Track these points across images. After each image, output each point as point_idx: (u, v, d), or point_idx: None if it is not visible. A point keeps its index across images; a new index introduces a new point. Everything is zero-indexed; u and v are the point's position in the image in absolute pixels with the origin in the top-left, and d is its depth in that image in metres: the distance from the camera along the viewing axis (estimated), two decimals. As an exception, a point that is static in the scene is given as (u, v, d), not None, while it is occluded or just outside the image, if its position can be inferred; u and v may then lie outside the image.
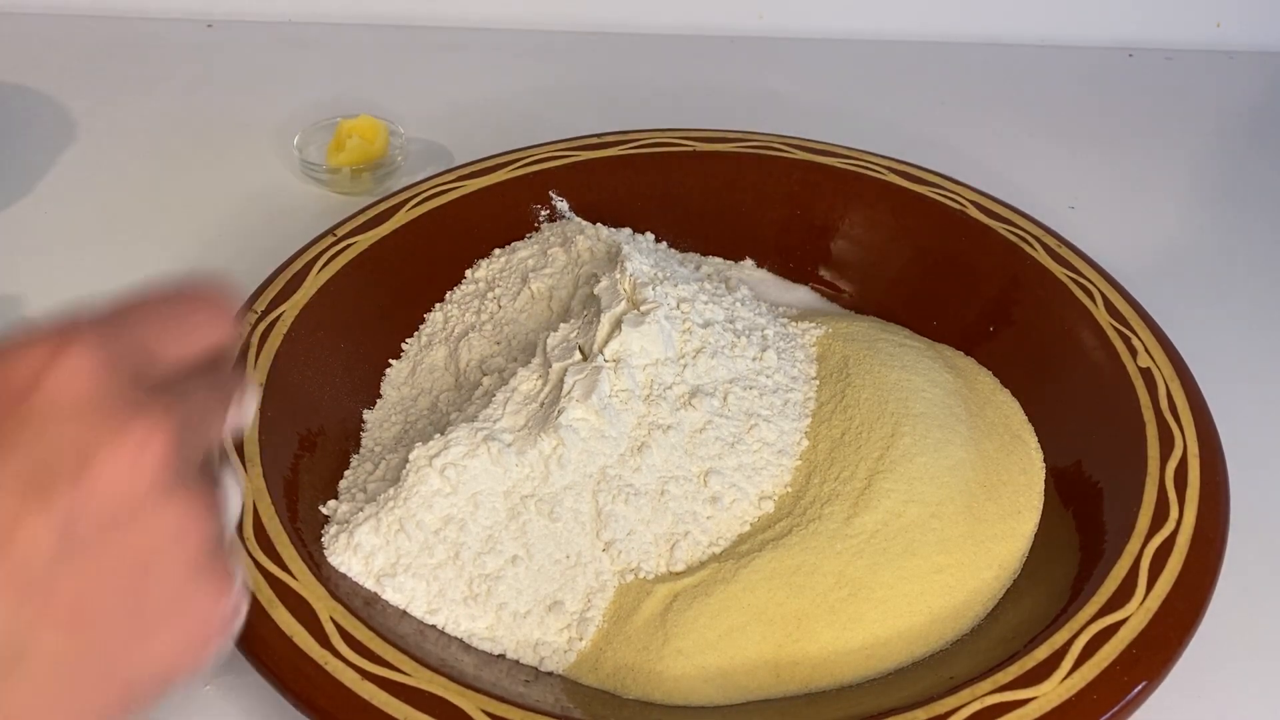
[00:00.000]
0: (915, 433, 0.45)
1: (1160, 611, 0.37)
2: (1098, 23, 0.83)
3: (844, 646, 0.40)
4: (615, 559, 0.41)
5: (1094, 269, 0.51)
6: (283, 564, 0.38)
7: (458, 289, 0.54)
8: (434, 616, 0.40)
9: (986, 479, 0.45)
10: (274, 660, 0.36)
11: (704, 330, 0.46)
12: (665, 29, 0.83)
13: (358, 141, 0.64)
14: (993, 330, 0.52)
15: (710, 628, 0.39)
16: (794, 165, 0.58)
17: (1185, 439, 0.43)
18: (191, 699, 0.41)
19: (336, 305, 0.49)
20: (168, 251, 0.61)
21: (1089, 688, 0.35)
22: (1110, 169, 0.70)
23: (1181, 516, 0.40)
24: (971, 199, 0.55)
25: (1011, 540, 0.43)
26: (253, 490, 0.41)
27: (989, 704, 0.35)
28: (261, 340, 0.46)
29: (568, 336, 0.46)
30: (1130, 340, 0.47)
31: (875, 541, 0.42)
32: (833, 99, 0.76)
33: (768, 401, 0.46)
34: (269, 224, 0.62)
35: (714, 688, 0.39)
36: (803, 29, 0.83)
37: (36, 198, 0.65)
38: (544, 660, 0.40)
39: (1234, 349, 0.56)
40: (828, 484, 0.44)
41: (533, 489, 0.42)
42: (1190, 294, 0.59)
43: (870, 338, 0.50)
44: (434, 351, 0.51)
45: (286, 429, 0.44)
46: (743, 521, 0.43)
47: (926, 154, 0.59)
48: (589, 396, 0.42)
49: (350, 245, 0.51)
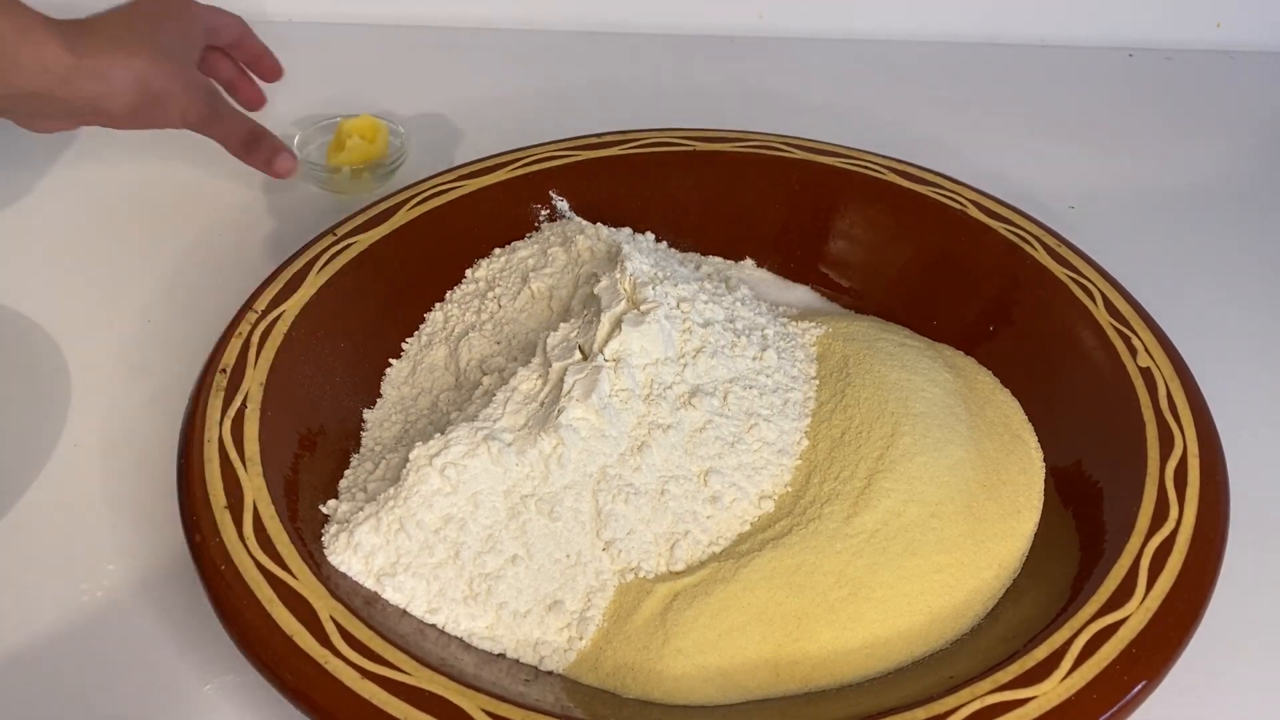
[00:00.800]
0: (915, 432, 0.45)
1: (1160, 611, 0.37)
2: (1098, 23, 0.83)
3: (844, 646, 0.40)
4: (615, 558, 0.41)
5: (1094, 269, 0.51)
6: (283, 563, 0.38)
7: (458, 289, 0.54)
8: (434, 616, 0.40)
9: (986, 478, 0.45)
10: (274, 660, 0.36)
11: (704, 330, 0.46)
12: (665, 29, 0.83)
13: (358, 141, 0.64)
14: (993, 330, 0.52)
15: (710, 627, 0.39)
16: (794, 165, 0.58)
17: (1185, 439, 0.43)
18: (191, 699, 0.41)
19: (336, 305, 0.49)
20: (167, 251, 0.61)
21: (1089, 687, 0.35)
22: (1110, 169, 0.70)
23: (1181, 516, 0.40)
24: (971, 199, 0.55)
25: (1011, 540, 0.43)
26: (253, 490, 0.41)
27: (989, 703, 0.35)
28: (262, 340, 0.46)
29: (568, 336, 0.46)
30: (1130, 340, 0.47)
31: (875, 541, 0.42)
32: (833, 99, 0.76)
33: (768, 401, 0.46)
34: (269, 224, 0.63)
35: (714, 687, 0.39)
36: (803, 29, 0.83)
37: (36, 198, 0.65)
38: (544, 659, 0.40)
39: (1234, 349, 0.56)
40: (828, 483, 0.44)
41: (533, 488, 0.42)
42: (1190, 294, 0.59)
43: (870, 337, 0.50)
44: (434, 351, 0.51)
45: (286, 429, 0.44)
46: (743, 521, 0.43)
47: (926, 154, 0.59)
48: (589, 396, 0.42)
49: (350, 245, 0.51)
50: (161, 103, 0.51)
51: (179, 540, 0.40)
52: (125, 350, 0.55)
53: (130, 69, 0.49)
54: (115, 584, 0.44)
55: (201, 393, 0.44)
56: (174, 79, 0.51)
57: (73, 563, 0.45)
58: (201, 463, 0.41)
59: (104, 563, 0.45)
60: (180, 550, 0.40)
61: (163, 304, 0.58)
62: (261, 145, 0.55)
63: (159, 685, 0.41)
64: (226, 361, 0.45)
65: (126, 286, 0.58)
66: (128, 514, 0.47)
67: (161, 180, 0.66)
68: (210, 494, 0.40)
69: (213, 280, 0.58)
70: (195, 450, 0.42)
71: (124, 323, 0.56)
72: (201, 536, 0.39)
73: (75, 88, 0.48)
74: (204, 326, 0.49)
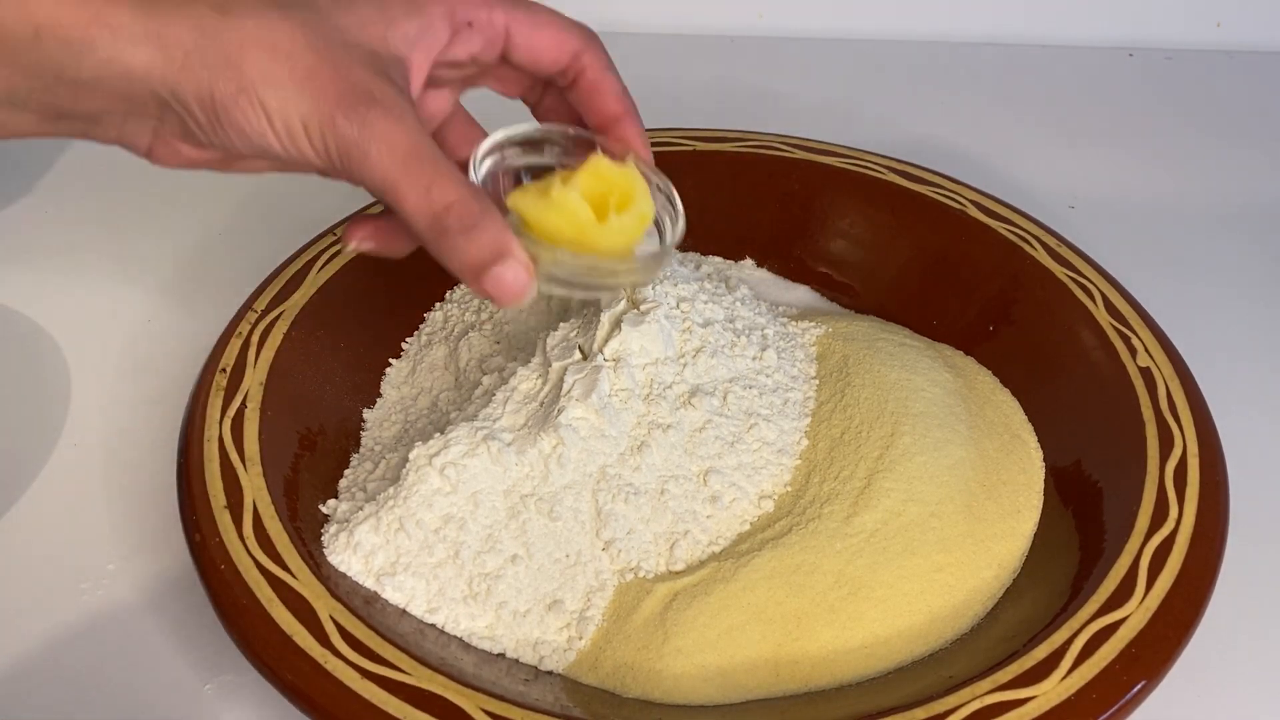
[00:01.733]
0: (915, 432, 0.45)
1: (1160, 611, 0.37)
2: (1098, 23, 0.83)
3: (844, 646, 0.40)
4: (615, 558, 0.41)
5: (1094, 269, 0.51)
6: (282, 563, 0.38)
7: (458, 288, 0.54)
8: (434, 615, 0.40)
9: (986, 478, 0.45)
10: (274, 659, 0.36)
11: (704, 329, 0.46)
12: (665, 29, 0.83)
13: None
14: (993, 330, 0.52)
15: (710, 627, 0.39)
16: (794, 165, 0.58)
17: (1185, 439, 0.43)
18: (191, 699, 0.41)
19: (336, 305, 0.49)
20: (167, 251, 0.61)
21: (1088, 687, 0.35)
22: (1110, 169, 0.70)
23: (1181, 516, 0.40)
24: (971, 199, 0.55)
25: (1011, 539, 0.43)
26: (253, 490, 0.41)
27: (988, 703, 0.35)
28: (261, 340, 0.46)
29: (567, 336, 0.46)
30: (1130, 340, 0.47)
31: (875, 541, 0.42)
32: (833, 99, 0.76)
33: (767, 401, 0.46)
34: (269, 223, 0.62)
35: (714, 687, 0.39)
36: (803, 29, 0.83)
37: (36, 198, 0.65)
38: (544, 659, 0.40)
39: (1234, 349, 0.56)
40: (827, 483, 0.44)
41: (532, 488, 0.42)
42: (1190, 294, 0.59)
43: (870, 337, 0.50)
44: (434, 350, 0.51)
45: (286, 428, 0.44)
46: (742, 521, 0.43)
47: (926, 154, 0.59)
48: (589, 396, 0.42)
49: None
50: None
51: (179, 540, 0.40)
52: (125, 350, 0.55)
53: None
54: (115, 584, 0.44)
55: (201, 393, 0.44)
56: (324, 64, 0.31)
57: (73, 563, 0.45)
58: (201, 462, 0.41)
59: (104, 563, 0.45)
60: (180, 550, 0.40)
61: (163, 304, 0.58)
62: (474, 233, 0.32)
63: (159, 685, 0.41)
64: (226, 361, 0.45)
65: (126, 286, 0.58)
66: (128, 514, 0.47)
67: (162, 180, 0.66)
68: (210, 494, 0.40)
69: (213, 280, 0.58)
70: (195, 450, 0.42)
71: (124, 323, 0.56)
72: (201, 536, 0.39)
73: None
74: (204, 326, 0.49)
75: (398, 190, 0.32)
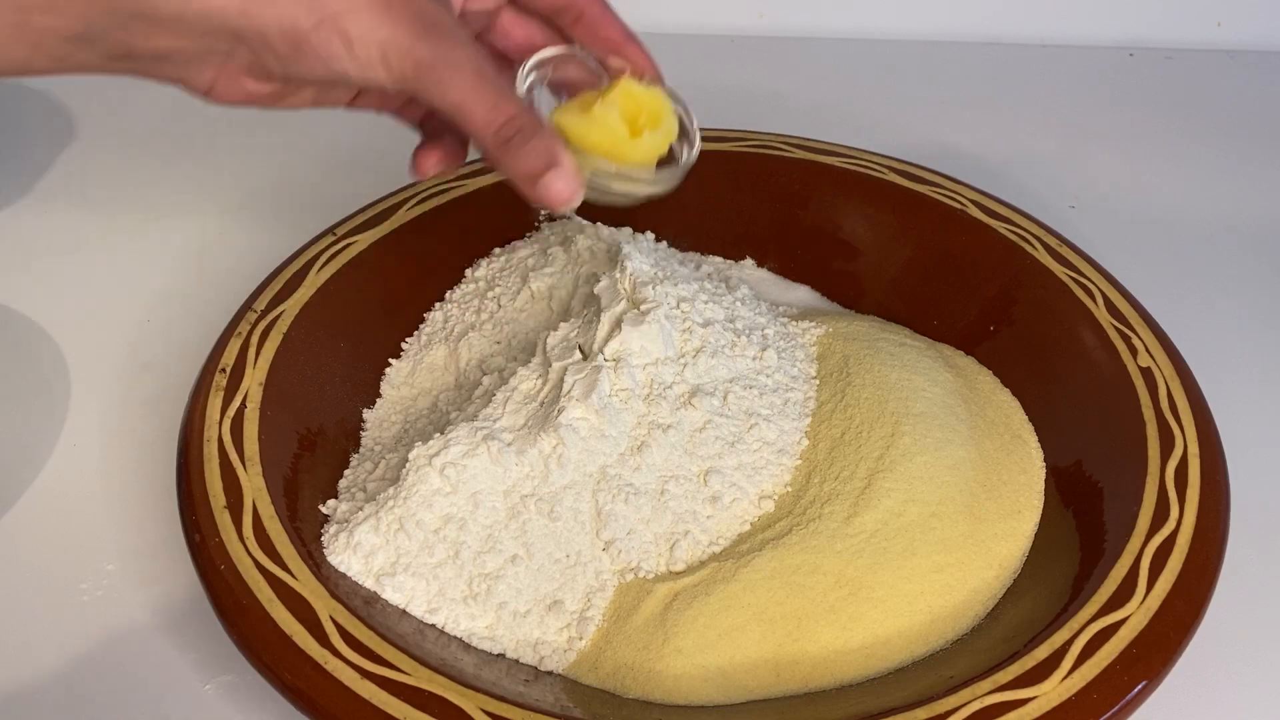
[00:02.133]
0: (915, 432, 0.45)
1: (1160, 611, 0.37)
2: (1098, 23, 0.83)
3: (844, 646, 0.40)
4: (615, 558, 0.41)
5: (1094, 269, 0.51)
6: (282, 563, 0.38)
7: (458, 288, 0.54)
8: (434, 616, 0.40)
9: (987, 478, 0.45)
10: (274, 660, 0.36)
11: (704, 329, 0.46)
12: (665, 29, 0.82)
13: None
14: (993, 330, 0.52)
15: (710, 627, 0.39)
16: (794, 165, 0.58)
17: (1185, 439, 0.43)
18: (191, 699, 0.41)
19: (336, 305, 0.49)
20: (167, 251, 0.61)
21: (1089, 687, 0.35)
22: (1110, 169, 0.70)
23: (1182, 516, 0.40)
24: (971, 198, 0.55)
25: (1011, 540, 0.43)
26: (252, 490, 0.41)
27: (989, 703, 0.35)
28: (261, 340, 0.46)
29: (568, 336, 0.46)
30: (1130, 340, 0.47)
31: (875, 541, 0.42)
32: (833, 99, 0.76)
33: (768, 401, 0.46)
34: (268, 223, 0.62)
35: (714, 687, 0.39)
36: (803, 29, 0.83)
37: (36, 198, 0.65)
38: (544, 659, 0.40)
39: (1234, 349, 0.56)
40: (828, 483, 0.44)
41: (532, 488, 0.42)
42: (1190, 294, 0.59)
43: (870, 337, 0.50)
44: (434, 351, 0.51)
45: (286, 428, 0.44)
46: (743, 521, 0.43)
47: (926, 154, 0.59)
48: (589, 396, 0.42)
49: (350, 244, 0.51)
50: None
51: (179, 540, 0.40)
52: (125, 350, 0.55)
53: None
54: (115, 584, 0.44)
55: (201, 392, 0.44)
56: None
57: (73, 563, 0.45)
58: (201, 462, 0.41)
59: (104, 563, 0.45)
60: (180, 550, 0.40)
61: (163, 304, 0.58)
62: (531, 144, 0.37)
63: (159, 685, 0.41)
64: (226, 361, 0.45)
65: (126, 286, 0.58)
66: (128, 514, 0.47)
67: (161, 180, 0.66)
68: (210, 494, 0.40)
69: (213, 280, 0.58)
70: (195, 450, 0.42)
71: (124, 323, 0.56)
72: (201, 536, 0.39)
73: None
74: (204, 326, 0.49)
75: (465, 107, 0.36)
